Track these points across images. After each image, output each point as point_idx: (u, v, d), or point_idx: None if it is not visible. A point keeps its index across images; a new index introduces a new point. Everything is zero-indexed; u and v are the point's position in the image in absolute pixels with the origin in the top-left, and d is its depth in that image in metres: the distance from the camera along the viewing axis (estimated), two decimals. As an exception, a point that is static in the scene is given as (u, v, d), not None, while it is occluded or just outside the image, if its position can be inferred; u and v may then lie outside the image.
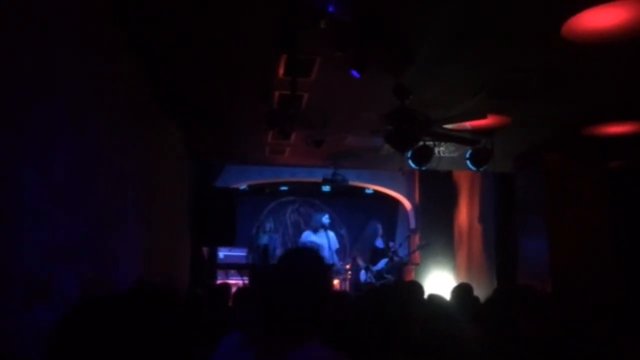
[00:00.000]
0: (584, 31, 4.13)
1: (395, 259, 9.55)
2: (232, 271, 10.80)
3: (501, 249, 8.91)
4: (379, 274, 9.35)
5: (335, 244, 10.25)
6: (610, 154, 7.64)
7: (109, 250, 4.17)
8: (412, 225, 11.58)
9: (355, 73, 4.52)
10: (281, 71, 5.11)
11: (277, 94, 5.70)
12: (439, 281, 10.27)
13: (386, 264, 9.37)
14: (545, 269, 7.53)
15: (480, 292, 6.93)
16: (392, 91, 5.11)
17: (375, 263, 9.61)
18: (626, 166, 7.83)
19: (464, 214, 10.49)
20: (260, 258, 9.97)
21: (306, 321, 1.82)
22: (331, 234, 10.34)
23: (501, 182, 9.02)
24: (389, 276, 9.37)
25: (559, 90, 5.41)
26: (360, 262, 10.69)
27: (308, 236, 10.31)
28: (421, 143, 6.04)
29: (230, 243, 9.35)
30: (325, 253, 9.91)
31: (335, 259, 10.17)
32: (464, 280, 8.85)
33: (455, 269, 10.69)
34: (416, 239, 11.05)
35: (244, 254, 11.31)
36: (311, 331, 1.83)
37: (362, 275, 9.73)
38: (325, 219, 10.40)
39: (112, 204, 4.20)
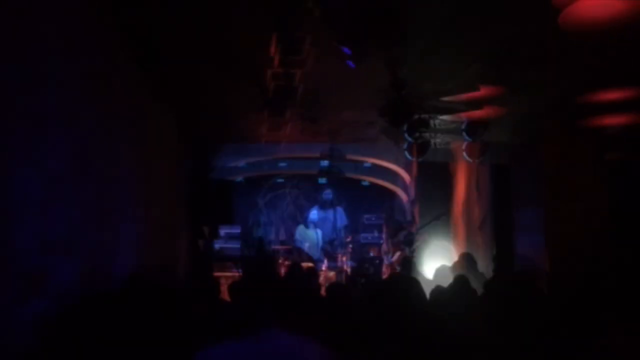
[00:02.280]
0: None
1: (408, 235, 9.58)
2: (228, 263, 10.80)
3: (499, 240, 8.95)
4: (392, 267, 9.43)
5: (343, 220, 10.26)
6: (608, 144, 7.61)
7: (106, 241, 4.17)
8: (409, 216, 11.60)
9: (350, 63, 4.50)
10: (273, 50, 5.07)
11: (269, 72, 5.66)
12: (438, 252, 10.29)
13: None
14: (543, 259, 7.57)
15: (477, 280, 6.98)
16: (384, 65, 5.08)
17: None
18: (625, 157, 7.80)
19: (461, 206, 10.47)
20: (256, 251, 10.05)
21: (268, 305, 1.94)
22: (339, 209, 10.36)
23: (498, 173, 9.03)
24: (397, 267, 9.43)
25: (553, 61, 5.38)
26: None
27: (314, 213, 10.39)
28: (416, 116, 6.03)
29: (228, 221, 9.40)
30: (328, 229, 10.00)
31: (341, 234, 10.21)
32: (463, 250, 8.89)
33: (455, 239, 10.73)
34: (416, 212, 11.06)
35: (238, 245, 11.31)
36: (274, 317, 1.95)
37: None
38: (327, 195, 10.43)
39: (107, 195, 4.20)
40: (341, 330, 2.90)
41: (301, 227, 10.66)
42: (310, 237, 10.25)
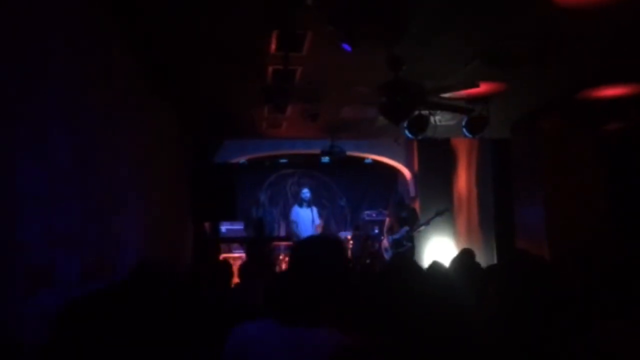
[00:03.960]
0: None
1: (415, 227, 9.54)
2: (235, 244, 10.96)
3: (500, 215, 8.97)
4: (398, 242, 9.37)
5: (316, 219, 10.53)
6: (607, 116, 7.63)
7: (111, 233, 4.22)
8: (412, 193, 11.64)
9: (346, 46, 4.51)
10: (273, 47, 5.09)
11: (270, 69, 5.68)
12: (439, 247, 10.36)
13: (407, 232, 9.38)
14: (543, 234, 7.59)
15: (481, 257, 7.00)
16: (385, 62, 5.10)
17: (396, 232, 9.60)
18: (624, 129, 7.83)
19: (463, 180, 10.54)
20: (255, 231, 10.07)
21: (320, 300, 1.93)
22: (314, 209, 10.54)
23: (499, 148, 9.04)
24: (408, 244, 9.38)
25: (553, 55, 5.39)
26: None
27: (297, 211, 10.50)
28: (416, 113, 6.05)
29: (231, 217, 9.44)
30: (309, 227, 10.13)
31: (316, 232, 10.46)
32: (465, 245, 8.93)
33: (456, 235, 10.78)
34: (416, 207, 11.11)
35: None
36: (327, 310, 1.93)
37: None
38: (304, 194, 10.55)
39: (110, 187, 4.24)
40: (345, 311, 2.91)
41: (295, 208, 10.70)
42: (305, 215, 10.29)
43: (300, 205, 10.53)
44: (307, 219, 10.31)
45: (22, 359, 2.50)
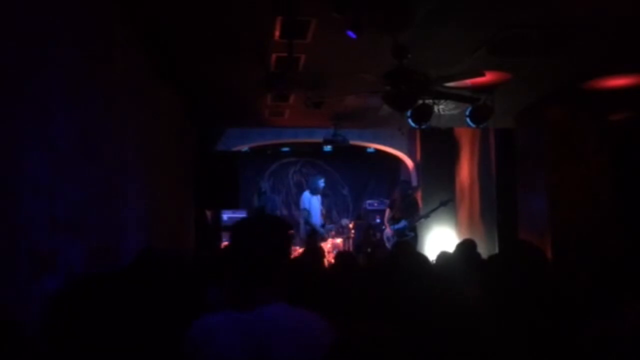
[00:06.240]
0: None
1: (415, 217, 9.53)
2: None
3: (502, 205, 8.96)
4: (401, 232, 9.37)
5: (321, 207, 10.68)
6: (612, 106, 7.60)
7: (114, 219, 4.21)
8: (414, 183, 11.63)
9: (351, 34, 4.48)
10: (277, 34, 5.06)
11: (274, 56, 5.65)
12: (441, 237, 10.36)
13: (409, 222, 9.38)
14: (546, 224, 7.58)
15: (483, 247, 6.99)
16: (390, 51, 5.07)
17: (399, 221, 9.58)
18: (628, 119, 7.79)
19: (466, 170, 10.52)
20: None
21: (268, 278, 1.92)
22: (319, 197, 10.66)
23: (502, 138, 9.01)
24: (411, 233, 9.39)
25: (558, 45, 5.35)
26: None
27: (309, 198, 10.47)
28: (420, 101, 6.02)
29: (233, 206, 9.44)
30: (319, 215, 10.21)
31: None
32: (466, 236, 8.93)
33: (457, 225, 10.78)
34: (419, 197, 11.10)
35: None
36: (277, 289, 1.93)
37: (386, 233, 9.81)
38: (322, 184, 10.61)
39: (114, 173, 4.23)
40: (347, 299, 2.91)
41: (307, 195, 10.65)
42: (315, 204, 10.42)
43: (314, 194, 10.51)
44: (317, 207, 10.37)
45: (25, 344, 2.50)
